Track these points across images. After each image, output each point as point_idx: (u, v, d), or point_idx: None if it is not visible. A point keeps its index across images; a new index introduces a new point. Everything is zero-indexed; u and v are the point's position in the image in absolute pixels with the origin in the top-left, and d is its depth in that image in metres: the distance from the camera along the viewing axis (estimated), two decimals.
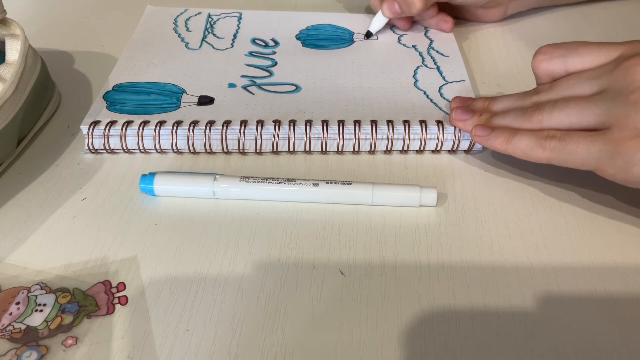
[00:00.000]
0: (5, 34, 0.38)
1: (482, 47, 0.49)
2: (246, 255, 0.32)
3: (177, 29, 0.49)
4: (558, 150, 0.32)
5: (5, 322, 0.28)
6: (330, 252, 0.32)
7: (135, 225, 0.33)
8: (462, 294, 0.30)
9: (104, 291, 0.30)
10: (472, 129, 0.36)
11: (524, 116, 0.34)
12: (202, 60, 0.45)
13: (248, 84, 0.42)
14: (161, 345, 0.27)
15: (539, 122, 0.33)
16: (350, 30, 0.49)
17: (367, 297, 0.30)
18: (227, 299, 0.29)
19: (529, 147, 0.33)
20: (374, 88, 0.42)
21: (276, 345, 0.27)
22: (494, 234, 0.33)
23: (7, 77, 0.36)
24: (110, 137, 0.38)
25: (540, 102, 0.34)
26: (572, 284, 0.30)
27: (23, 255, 0.32)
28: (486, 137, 0.35)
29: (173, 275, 0.31)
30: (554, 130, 0.32)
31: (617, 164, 0.30)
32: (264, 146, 0.38)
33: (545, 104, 0.34)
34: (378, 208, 0.34)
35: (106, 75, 0.44)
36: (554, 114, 0.33)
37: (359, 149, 0.38)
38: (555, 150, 0.32)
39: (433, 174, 0.37)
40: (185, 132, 0.37)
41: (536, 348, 0.27)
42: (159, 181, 0.35)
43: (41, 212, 0.34)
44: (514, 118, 0.35)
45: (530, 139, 0.33)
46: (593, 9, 0.54)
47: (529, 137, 0.33)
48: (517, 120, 0.34)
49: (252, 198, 0.35)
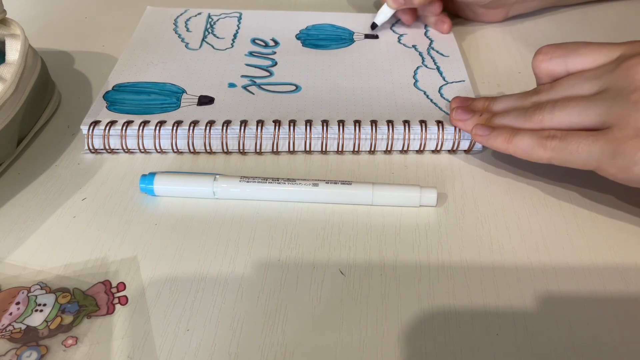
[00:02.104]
0: (5, 34, 0.38)
1: (482, 47, 0.49)
2: (246, 255, 0.32)
3: (177, 29, 0.49)
4: (559, 150, 0.32)
5: (5, 322, 0.28)
6: (330, 252, 0.32)
7: (135, 225, 0.33)
8: (462, 294, 0.30)
9: (104, 291, 0.30)
10: (473, 129, 0.36)
11: (524, 116, 0.34)
12: (202, 60, 0.45)
13: (248, 83, 0.42)
14: (161, 345, 0.27)
15: (539, 122, 0.33)
16: (350, 30, 0.49)
17: (367, 297, 0.30)
18: (227, 299, 0.29)
19: (530, 147, 0.33)
20: (374, 88, 0.42)
21: (276, 345, 0.27)
22: (494, 234, 0.33)
23: (7, 77, 0.36)
24: (110, 137, 0.38)
25: (540, 101, 0.35)
26: (572, 284, 0.30)
27: (23, 255, 0.32)
28: (487, 137, 0.35)
29: (173, 275, 0.31)
30: (554, 130, 0.33)
31: (618, 164, 0.30)
32: (264, 146, 0.38)
33: (546, 103, 0.34)
34: (378, 208, 0.34)
35: (106, 75, 0.44)
36: (555, 113, 0.33)
37: (359, 149, 0.38)
38: (556, 150, 0.32)
39: (433, 174, 0.37)
40: (185, 132, 0.37)
41: (536, 348, 0.27)
42: (159, 181, 0.35)
43: (41, 212, 0.34)
44: (515, 118, 0.35)
45: (532, 139, 0.33)
46: (594, 9, 0.54)
47: (530, 136, 0.33)
48: (518, 120, 0.34)
49: (252, 198, 0.35)
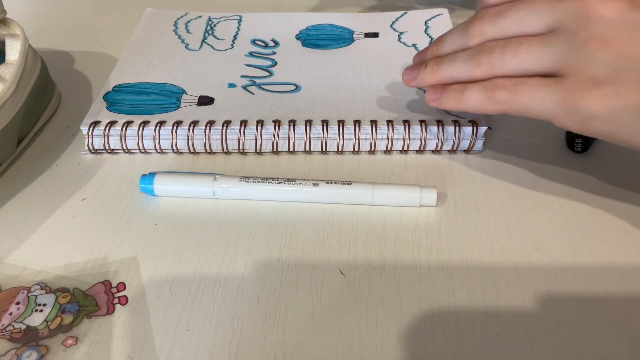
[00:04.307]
0: (5, 34, 0.38)
1: None
2: (246, 255, 0.32)
3: (177, 30, 0.49)
4: (510, 102, 0.30)
5: (5, 322, 0.28)
6: (330, 252, 0.32)
7: (135, 225, 0.33)
8: (462, 294, 0.30)
9: (104, 291, 0.30)
10: (426, 95, 0.33)
11: (472, 61, 0.31)
12: (202, 60, 0.45)
13: (248, 83, 0.42)
14: (161, 345, 0.27)
15: (489, 68, 0.30)
16: (350, 30, 0.49)
17: (367, 297, 0.30)
18: (227, 299, 0.29)
19: (481, 102, 0.31)
20: (374, 88, 0.42)
21: (276, 345, 0.27)
22: (494, 234, 0.33)
23: (7, 77, 0.36)
24: (110, 137, 0.38)
25: (487, 38, 0.31)
26: (572, 284, 0.30)
27: (23, 255, 0.32)
28: (439, 100, 0.33)
29: (173, 275, 0.31)
30: (503, 80, 0.30)
31: (573, 117, 0.28)
32: (264, 146, 0.38)
33: (495, 47, 0.30)
34: (378, 208, 0.34)
35: (106, 75, 0.44)
36: (505, 59, 0.30)
37: (359, 149, 0.38)
38: (507, 102, 0.30)
39: (433, 174, 0.37)
40: (185, 132, 0.37)
41: (536, 348, 0.27)
42: (159, 181, 0.35)
43: (41, 212, 0.34)
44: (462, 64, 0.31)
45: (480, 92, 0.30)
46: None
47: (478, 90, 0.30)
48: (466, 67, 0.31)
49: (252, 198, 0.35)
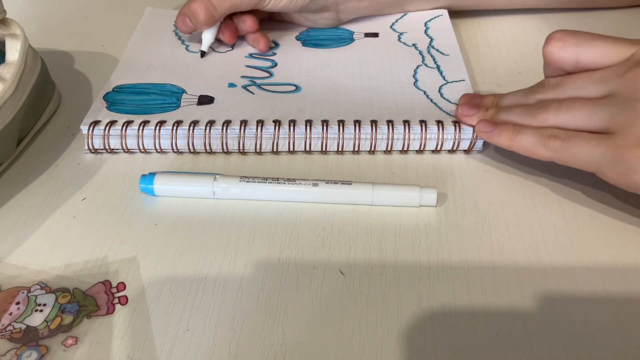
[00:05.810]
0: (5, 34, 0.38)
1: (483, 46, 0.49)
2: (246, 255, 0.32)
3: (177, 31, 0.49)
4: (561, 150, 0.32)
5: (5, 322, 0.28)
6: (330, 252, 0.32)
7: (135, 226, 0.33)
8: (462, 294, 0.30)
9: (104, 291, 0.30)
10: (477, 125, 0.36)
11: (529, 113, 0.34)
12: (202, 62, 0.45)
13: (248, 83, 0.42)
14: (161, 345, 0.27)
15: (544, 121, 0.33)
16: (350, 30, 0.49)
17: (367, 297, 0.30)
18: (227, 299, 0.29)
19: (532, 145, 0.33)
20: (374, 88, 0.42)
21: (276, 345, 0.27)
22: (494, 234, 0.33)
23: (7, 77, 0.36)
24: (110, 137, 0.38)
25: (546, 99, 0.34)
26: (572, 284, 0.30)
27: (23, 255, 0.32)
28: (490, 133, 0.35)
29: (173, 275, 0.31)
30: (558, 130, 0.32)
31: (618, 170, 0.30)
32: (264, 146, 0.38)
33: (552, 103, 0.33)
34: (378, 208, 0.34)
35: (106, 75, 0.44)
36: (560, 114, 0.33)
37: (359, 149, 0.38)
38: (558, 150, 0.32)
39: (433, 174, 0.37)
40: (185, 132, 0.37)
41: (536, 348, 0.27)
42: (159, 181, 0.35)
43: (41, 212, 0.34)
44: (520, 114, 0.35)
45: (534, 137, 0.33)
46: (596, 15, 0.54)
47: (533, 134, 0.33)
48: (522, 117, 0.34)
49: (252, 198, 0.35)
